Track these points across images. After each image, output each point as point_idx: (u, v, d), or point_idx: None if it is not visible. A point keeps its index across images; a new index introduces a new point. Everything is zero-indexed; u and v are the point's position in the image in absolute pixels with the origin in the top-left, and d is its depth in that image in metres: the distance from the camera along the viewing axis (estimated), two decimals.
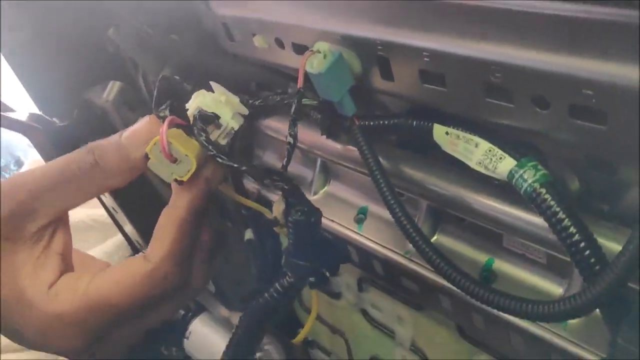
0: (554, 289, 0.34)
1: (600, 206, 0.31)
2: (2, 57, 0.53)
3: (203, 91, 0.38)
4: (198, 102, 0.37)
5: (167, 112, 0.35)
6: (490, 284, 0.37)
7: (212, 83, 0.38)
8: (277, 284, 0.33)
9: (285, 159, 0.35)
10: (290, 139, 0.34)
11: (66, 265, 0.38)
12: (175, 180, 0.36)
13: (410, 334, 0.51)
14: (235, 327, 0.35)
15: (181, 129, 0.36)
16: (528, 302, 0.27)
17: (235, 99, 0.39)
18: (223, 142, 0.38)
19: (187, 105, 0.38)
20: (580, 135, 0.26)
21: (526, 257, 0.36)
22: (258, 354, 0.50)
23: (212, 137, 0.36)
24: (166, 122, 0.34)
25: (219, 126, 0.36)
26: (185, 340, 0.59)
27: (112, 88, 0.53)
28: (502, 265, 0.37)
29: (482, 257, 0.38)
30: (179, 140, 0.34)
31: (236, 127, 0.36)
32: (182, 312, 0.61)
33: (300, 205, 0.33)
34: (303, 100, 0.36)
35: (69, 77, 0.54)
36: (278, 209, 0.34)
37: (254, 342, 0.35)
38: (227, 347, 0.35)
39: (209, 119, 0.35)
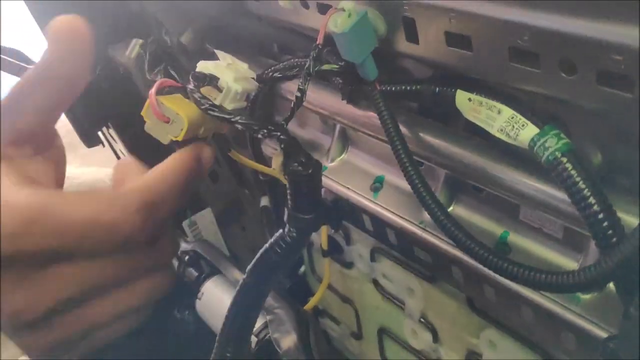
0: (569, 264, 0.34)
1: (622, 181, 0.30)
2: (29, 12, 0.53)
3: (205, 61, 0.37)
4: (198, 67, 0.37)
5: (159, 76, 0.35)
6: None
7: (216, 51, 0.37)
8: (280, 240, 0.33)
9: (289, 113, 0.34)
10: (298, 93, 0.34)
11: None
12: (172, 140, 0.35)
13: (420, 306, 0.51)
14: (239, 285, 0.35)
15: (180, 94, 0.35)
16: (544, 272, 0.27)
17: (244, 65, 0.38)
18: (229, 106, 0.37)
19: None
20: (607, 103, 0.26)
21: (542, 231, 0.35)
22: (268, 317, 0.50)
23: (217, 102, 0.35)
24: (156, 84, 0.34)
25: (220, 89, 0.36)
26: (197, 301, 0.60)
27: (135, 46, 0.53)
28: (517, 239, 0.37)
29: (497, 230, 0.38)
30: (172, 101, 0.34)
31: (240, 90, 0.35)
32: (195, 273, 0.62)
33: (298, 157, 0.32)
34: (324, 65, 0.35)
35: (93, 34, 0.54)
36: (277, 161, 0.33)
37: (258, 301, 0.35)
38: (231, 304, 0.35)
39: (204, 79, 0.35)
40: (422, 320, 0.51)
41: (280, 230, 0.33)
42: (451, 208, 0.40)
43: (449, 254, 0.39)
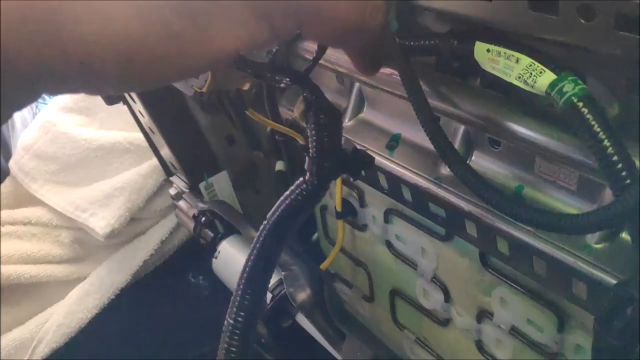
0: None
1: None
2: None
3: None
4: None
5: None
6: None
7: None
8: (301, 187, 0.34)
9: (311, 64, 0.35)
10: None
11: None
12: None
13: (432, 266, 0.52)
14: (259, 231, 0.36)
15: None
16: (557, 215, 0.28)
17: None
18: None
19: None
20: (624, 48, 0.26)
21: (556, 183, 0.36)
22: (283, 273, 0.52)
23: None
24: None
25: None
26: (213, 260, 0.61)
27: None
28: (532, 192, 0.37)
29: (512, 184, 0.38)
30: None
31: None
32: (211, 234, 0.63)
33: (320, 105, 0.33)
34: None
35: None
36: (299, 108, 0.34)
37: (277, 249, 0.36)
38: (251, 250, 0.36)
39: None
40: (434, 280, 0.52)
41: (301, 178, 0.34)
42: (468, 163, 0.41)
43: (464, 209, 0.39)
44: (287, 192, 0.35)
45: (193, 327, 0.79)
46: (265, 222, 0.36)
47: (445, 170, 0.41)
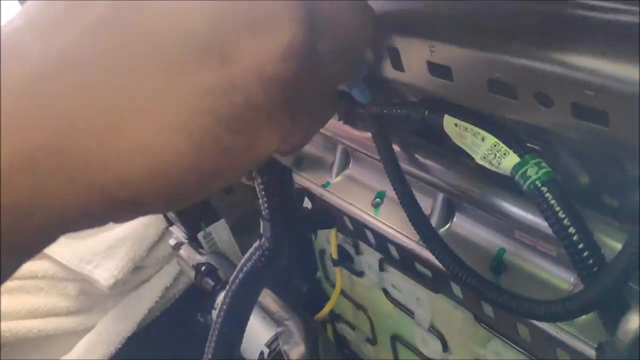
0: (563, 282, 0.34)
1: (611, 202, 0.30)
2: None
3: None
4: None
5: None
6: (500, 274, 0.37)
7: None
8: (258, 253, 0.34)
9: None
10: None
11: None
12: None
13: (429, 316, 0.51)
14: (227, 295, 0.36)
15: None
16: (522, 300, 0.28)
17: None
18: None
19: None
20: (584, 134, 0.26)
21: (537, 249, 0.35)
22: (279, 329, 0.52)
23: None
24: None
25: None
26: (213, 311, 0.61)
27: None
28: (513, 256, 0.37)
29: (494, 247, 0.38)
30: None
31: None
32: (211, 283, 0.64)
33: (267, 163, 0.32)
34: None
35: None
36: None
37: (244, 311, 0.36)
38: (217, 318, 0.36)
39: None
40: (431, 329, 0.52)
41: (257, 242, 0.34)
42: (448, 225, 0.40)
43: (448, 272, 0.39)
44: (246, 256, 0.35)
45: None
46: (227, 288, 0.36)
47: None
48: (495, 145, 0.30)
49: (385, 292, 0.56)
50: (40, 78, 0.18)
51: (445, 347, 0.51)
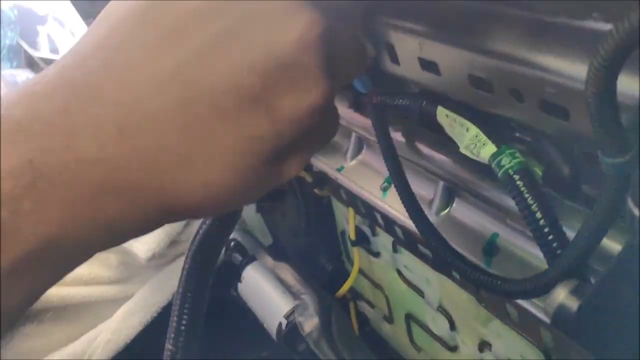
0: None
1: (591, 192, 0.32)
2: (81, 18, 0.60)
3: None
4: None
5: None
6: (492, 256, 0.39)
7: None
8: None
9: None
10: None
11: None
12: None
13: (437, 295, 0.54)
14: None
15: None
16: (494, 277, 0.30)
17: None
18: None
19: None
20: (552, 128, 0.28)
21: (526, 234, 0.37)
22: (295, 302, 0.55)
23: None
24: None
25: None
26: (239, 284, 0.66)
27: None
28: (505, 242, 0.39)
29: (488, 232, 0.40)
30: None
31: None
32: (239, 257, 0.68)
33: None
34: None
35: None
36: None
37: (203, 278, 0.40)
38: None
39: None
40: (440, 309, 0.55)
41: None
42: (447, 210, 0.43)
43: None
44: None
45: (242, 336, 0.84)
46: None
47: (431, 215, 0.43)
48: (476, 136, 0.32)
49: (399, 273, 0.58)
50: (124, 124, 0.23)
51: (452, 326, 0.54)
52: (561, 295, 0.25)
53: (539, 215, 0.28)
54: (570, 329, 0.25)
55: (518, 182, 0.29)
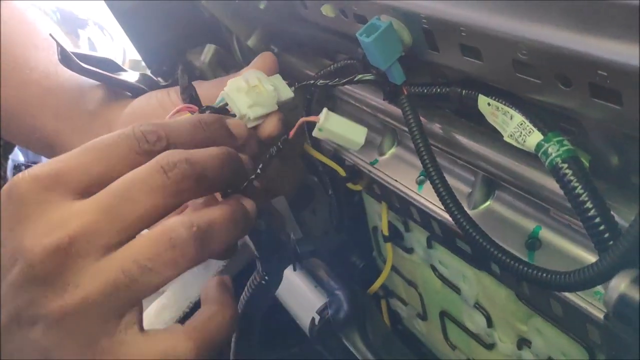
0: (595, 259, 0.35)
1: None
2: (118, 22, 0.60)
3: (237, 79, 0.42)
4: (221, 92, 0.42)
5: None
6: (534, 250, 0.38)
7: (248, 71, 0.43)
8: (255, 284, 0.38)
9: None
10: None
11: None
12: None
13: (474, 292, 0.53)
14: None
15: None
16: (543, 271, 0.29)
17: (269, 88, 0.42)
18: (250, 124, 0.42)
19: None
20: (602, 113, 0.27)
21: (571, 227, 0.36)
22: (328, 298, 0.55)
23: None
24: (172, 112, 0.40)
25: (234, 115, 0.41)
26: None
27: (209, 51, 0.58)
28: (548, 234, 0.38)
29: (530, 225, 0.39)
30: None
31: (252, 117, 0.40)
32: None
33: None
34: (359, 76, 0.39)
35: (173, 41, 0.60)
36: None
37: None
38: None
39: (216, 111, 0.41)
40: (476, 305, 0.53)
41: (255, 274, 0.38)
42: (488, 203, 0.42)
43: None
44: (246, 287, 0.39)
45: (271, 332, 0.84)
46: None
47: (468, 210, 0.42)
48: (521, 124, 0.31)
49: (433, 269, 0.57)
50: None
51: (489, 323, 0.52)
52: (622, 285, 0.24)
53: (589, 205, 0.27)
54: (634, 319, 0.24)
55: (566, 171, 0.28)
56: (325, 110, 0.43)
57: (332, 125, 0.43)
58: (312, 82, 0.44)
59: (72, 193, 0.31)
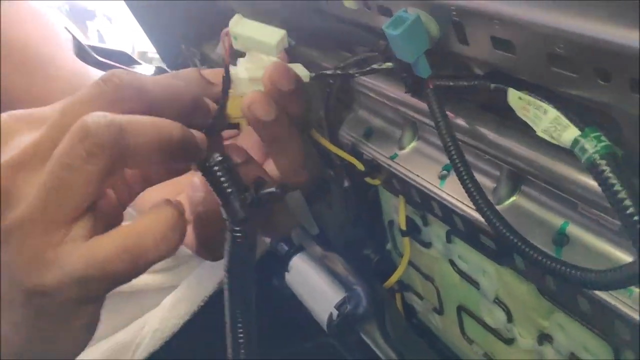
0: (624, 255, 0.34)
1: None
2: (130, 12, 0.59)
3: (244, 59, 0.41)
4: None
5: None
6: (562, 246, 0.37)
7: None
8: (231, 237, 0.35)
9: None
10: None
11: None
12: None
13: (494, 287, 0.52)
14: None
15: None
16: (576, 268, 0.28)
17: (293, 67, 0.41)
18: None
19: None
20: None
21: (599, 222, 0.36)
22: (347, 293, 0.54)
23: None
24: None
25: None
26: (286, 273, 0.65)
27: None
28: (575, 230, 0.37)
29: (557, 221, 0.38)
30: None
31: (244, 77, 0.39)
32: (285, 247, 0.67)
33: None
34: (379, 64, 0.38)
35: (189, 33, 0.59)
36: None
37: (247, 294, 0.37)
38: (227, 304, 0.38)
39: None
40: (496, 300, 0.53)
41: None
42: (514, 198, 0.41)
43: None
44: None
45: (286, 326, 0.84)
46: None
47: (494, 204, 0.42)
48: (556, 119, 0.30)
49: (452, 264, 0.57)
50: None
51: (509, 318, 0.52)
52: None
53: (627, 202, 0.27)
54: None
55: (604, 168, 0.27)
56: (237, 15, 0.41)
57: (244, 30, 0.40)
58: (330, 72, 0.43)
59: (39, 128, 0.33)
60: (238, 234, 0.34)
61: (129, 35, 1.30)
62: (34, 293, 0.31)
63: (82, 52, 0.49)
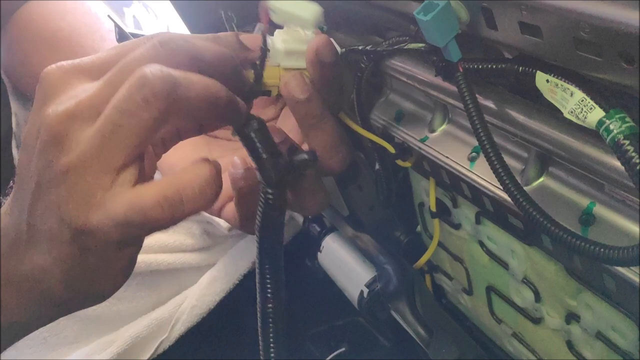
0: None
1: None
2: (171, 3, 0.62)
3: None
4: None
5: None
6: (588, 226, 0.38)
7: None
8: (262, 200, 0.38)
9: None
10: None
11: None
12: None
13: (522, 267, 0.53)
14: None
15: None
16: (601, 245, 0.29)
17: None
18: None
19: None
20: None
21: (625, 203, 0.36)
22: (377, 272, 0.56)
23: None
24: None
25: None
26: (319, 253, 0.67)
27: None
28: (602, 210, 0.38)
29: (584, 201, 0.39)
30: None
31: (282, 48, 0.41)
32: (318, 228, 0.69)
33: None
34: (410, 44, 0.39)
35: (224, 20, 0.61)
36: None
37: (276, 259, 0.40)
38: (257, 268, 0.41)
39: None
40: (524, 280, 0.54)
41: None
42: (541, 179, 0.42)
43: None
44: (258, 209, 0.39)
45: (316, 304, 0.86)
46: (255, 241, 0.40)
47: (522, 185, 0.42)
48: (582, 100, 0.31)
49: (481, 244, 0.58)
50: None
51: (537, 297, 0.53)
52: None
53: None
54: None
55: (628, 147, 0.28)
56: None
57: (282, 4, 0.42)
58: (360, 47, 0.45)
59: (90, 79, 0.35)
60: (270, 196, 0.36)
61: (164, 21, 1.33)
62: (80, 232, 0.33)
63: (125, 40, 0.52)
